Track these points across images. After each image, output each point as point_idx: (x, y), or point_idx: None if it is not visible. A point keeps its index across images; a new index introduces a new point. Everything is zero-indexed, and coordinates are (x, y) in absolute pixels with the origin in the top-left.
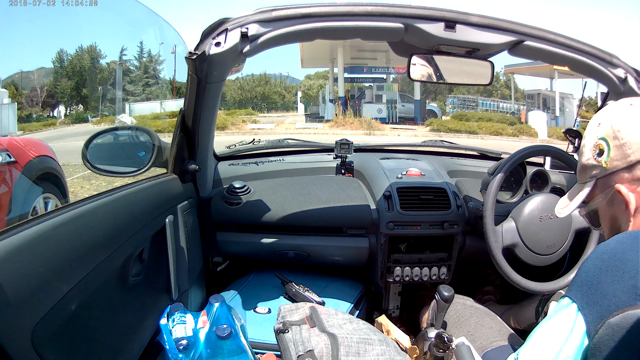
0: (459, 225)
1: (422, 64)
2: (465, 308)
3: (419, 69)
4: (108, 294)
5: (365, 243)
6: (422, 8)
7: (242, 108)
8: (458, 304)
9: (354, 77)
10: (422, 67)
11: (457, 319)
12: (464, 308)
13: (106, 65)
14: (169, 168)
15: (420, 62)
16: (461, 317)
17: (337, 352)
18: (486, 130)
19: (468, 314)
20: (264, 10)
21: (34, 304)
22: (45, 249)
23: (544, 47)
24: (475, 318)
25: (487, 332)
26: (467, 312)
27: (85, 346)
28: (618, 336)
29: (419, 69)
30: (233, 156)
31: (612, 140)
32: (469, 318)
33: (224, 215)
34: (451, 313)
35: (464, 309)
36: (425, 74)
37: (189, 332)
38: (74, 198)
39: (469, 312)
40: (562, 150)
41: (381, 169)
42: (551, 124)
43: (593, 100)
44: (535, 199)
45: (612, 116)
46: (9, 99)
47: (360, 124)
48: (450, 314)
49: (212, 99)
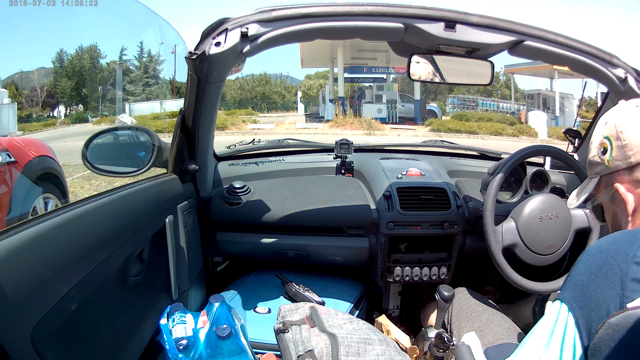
0: (459, 225)
1: (422, 64)
2: (478, 304)
3: (419, 69)
4: (108, 294)
5: (365, 243)
6: (422, 8)
7: (242, 108)
8: (472, 300)
9: (354, 77)
10: (422, 67)
11: (469, 313)
12: (477, 304)
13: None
14: (169, 168)
15: (420, 62)
16: (474, 312)
17: (337, 352)
18: (486, 130)
19: (480, 309)
20: (264, 10)
21: (34, 304)
22: (45, 249)
23: (544, 47)
24: (487, 314)
25: (496, 330)
26: (480, 307)
27: (85, 346)
28: (618, 336)
29: (419, 69)
30: (233, 156)
31: (615, 141)
32: (481, 314)
33: (224, 215)
34: (464, 307)
35: (477, 304)
36: (425, 74)
37: (189, 332)
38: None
39: (481, 307)
40: (562, 150)
41: (381, 169)
42: (551, 124)
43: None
44: (535, 199)
45: (617, 116)
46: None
47: (360, 124)
48: (463, 308)
49: (212, 99)
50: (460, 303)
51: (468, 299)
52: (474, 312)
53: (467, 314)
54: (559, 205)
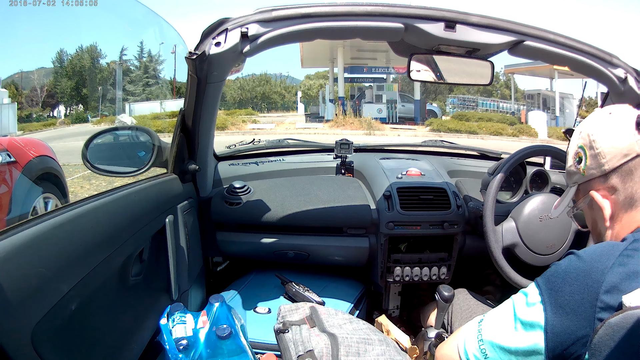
0: (459, 225)
1: (422, 64)
2: (478, 304)
3: (419, 69)
4: (108, 294)
5: (365, 243)
6: (422, 8)
7: (242, 108)
8: (471, 300)
9: (354, 77)
10: (422, 67)
11: (469, 314)
12: (477, 304)
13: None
14: (169, 168)
15: (421, 62)
16: (473, 313)
17: (337, 352)
18: (486, 130)
19: (480, 310)
20: (264, 10)
21: (34, 304)
22: (45, 249)
23: (544, 47)
24: None
25: None
26: (480, 308)
27: (85, 346)
28: (618, 336)
29: (419, 68)
30: (233, 156)
31: (588, 150)
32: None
33: (224, 215)
34: (464, 307)
35: (477, 305)
36: (425, 74)
37: (189, 332)
38: (74, 198)
39: (481, 308)
40: (562, 150)
41: (381, 169)
42: (551, 124)
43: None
44: (535, 199)
45: (590, 125)
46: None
47: (360, 124)
48: (462, 308)
49: (212, 99)
50: (460, 303)
51: (468, 299)
52: (473, 313)
53: (467, 314)
54: None
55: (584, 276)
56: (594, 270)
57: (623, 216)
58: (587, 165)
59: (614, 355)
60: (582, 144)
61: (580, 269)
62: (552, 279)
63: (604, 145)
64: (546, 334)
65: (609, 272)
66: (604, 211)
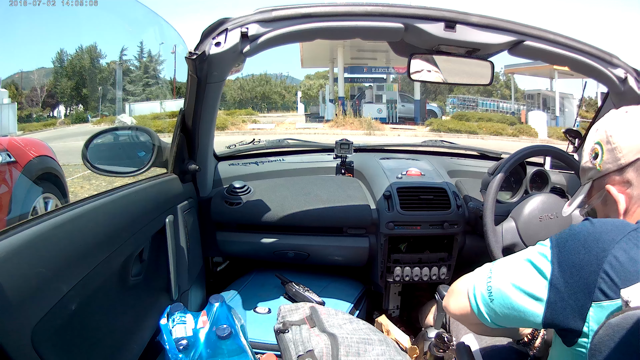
0: (459, 225)
1: (422, 64)
2: None
3: (419, 69)
4: (108, 294)
5: (365, 243)
6: (422, 8)
7: (242, 108)
8: None
9: (354, 77)
10: (422, 67)
11: None
12: None
13: (106, 65)
14: (169, 168)
15: (421, 62)
16: None
17: (337, 352)
18: (486, 130)
19: None
20: (264, 10)
21: (34, 304)
22: (45, 249)
23: (544, 47)
24: None
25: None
26: None
27: (85, 346)
28: (618, 336)
29: (419, 69)
30: (233, 156)
31: (605, 145)
32: None
33: (224, 215)
34: None
35: None
36: (425, 74)
37: (189, 332)
38: (74, 198)
39: None
40: (562, 150)
41: (381, 169)
42: (551, 124)
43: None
44: (535, 199)
45: (607, 122)
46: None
47: (360, 124)
48: None
49: (212, 99)
50: None
51: None
52: None
53: None
54: (559, 205)
55: (592, 240)
56: (602, 239)
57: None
58: (604, 160)
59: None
60: (599, 140)
61: (590, 233)
62: (564, 235)
63: (620, 141)
64: (550, 286)
65: (616, 245)
66: (619, 205)
